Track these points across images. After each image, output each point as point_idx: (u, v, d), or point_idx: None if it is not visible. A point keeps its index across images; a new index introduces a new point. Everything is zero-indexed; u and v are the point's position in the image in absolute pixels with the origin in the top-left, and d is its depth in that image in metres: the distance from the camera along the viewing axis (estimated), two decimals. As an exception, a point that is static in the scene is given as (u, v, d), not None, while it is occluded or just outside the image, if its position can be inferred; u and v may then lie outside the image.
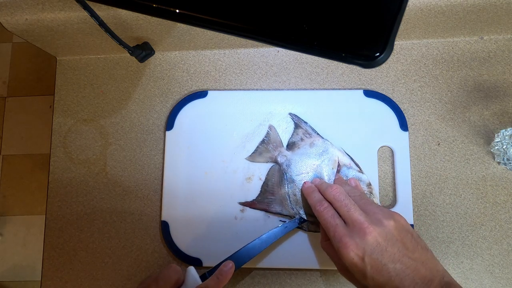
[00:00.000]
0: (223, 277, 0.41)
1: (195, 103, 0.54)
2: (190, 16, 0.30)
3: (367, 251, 0.37)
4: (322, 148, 0.50)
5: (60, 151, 0.56)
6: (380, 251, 0.37)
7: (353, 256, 0.37)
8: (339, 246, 0.38)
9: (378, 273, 0.36)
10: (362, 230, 0.38)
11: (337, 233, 0.39)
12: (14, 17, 0.49)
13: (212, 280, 0.40)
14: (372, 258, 0.36)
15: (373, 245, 0.37)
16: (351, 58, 0.29)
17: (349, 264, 0.37)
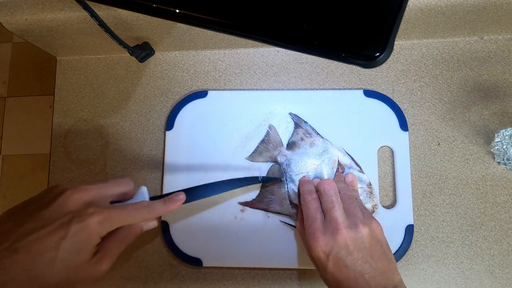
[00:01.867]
0: (171, 203, 0.38)
1: (195, 103, 0.54)
2: (190, 16, 0.30)
3: (333, 250, 0.39)
4: (322, 148, 0.50)
5: (60, 151, 0.56)
6: (346, 252, 0.39)
7: (319, 251, 0.40)
8: (310, 238, 0.41)
9: (338, 271, 0.39)
10: (336, 229, 0.40)
11: (313, 225, 0.41)
12: (14, 17, 0.49)
13: (159, 202, 0.38)
14: (336, 257, 0.39)
15: (341, 246, 0.39)
16: (351, 58, 0.29)
17: (314, 257, 0.40)
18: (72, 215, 0.32)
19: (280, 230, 0.50)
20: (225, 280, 0.50)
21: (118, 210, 0.34)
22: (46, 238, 0.30)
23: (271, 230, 0.50)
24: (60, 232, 0.31)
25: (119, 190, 0.37)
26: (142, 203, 0.37)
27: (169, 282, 0.51)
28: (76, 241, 0.31)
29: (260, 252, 0.49)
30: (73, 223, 0.31)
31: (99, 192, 0.35)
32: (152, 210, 0.37)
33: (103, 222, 0.33)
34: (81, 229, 0.31)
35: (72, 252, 0.31)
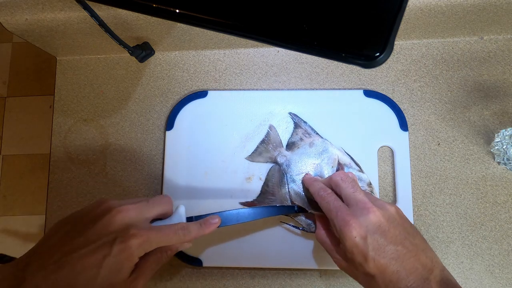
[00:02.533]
0: (206, 227, 0.40)
1: (195, 103, 0.54)
2: (190, 16, 0.30)
3: (369, 230, 0.36)
4: (321, 148, 0.50)
5: (60, 151, 0.56)
6: (382, 231, 0.36)
7: (355, 235, 0.36)
8: (342, 225, 0.37)
9: (379, 254, 0.36)
10: (365, 209, 0.38)
11: (339, 213, 0.38)
12: (14, 17, 0.49)
13: (195, 225, 0.39)
14: (374, 238, 0.36)
15: (376, 225, 0.37)
16: (351, 58, 0.29)
17: (351, 245, 0.37)
18: (115, 235, 0.34)
19: (280, 230, 0.50)
20: (225, 280, 0.50)
21: (158, 232, 0.36)
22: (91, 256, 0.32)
23: (271, 230, 0.50)
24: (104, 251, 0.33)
25: (159, 211, 0.39)
26: (179, 225, 0.39)
27: (169, 282, 0.51)
28: (117, 260, 0.33)
29: (260, 252, 0.49)
30: (116, 243, 0.33)
31: (141, 212, 0.37)
32: (188, 233, 0.38)
33: (142, 244, 0.34)
34: (122, 250, 0.33)
35: (112, 270, 0.33)
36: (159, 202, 0.39)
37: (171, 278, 0.51)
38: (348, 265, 0.39)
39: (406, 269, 0.35)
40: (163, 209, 0.39)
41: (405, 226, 0.38)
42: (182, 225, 0.39)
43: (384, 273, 0.35)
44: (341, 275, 0.49)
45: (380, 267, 0.35)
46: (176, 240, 0.38)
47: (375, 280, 0.36)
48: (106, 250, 0.33)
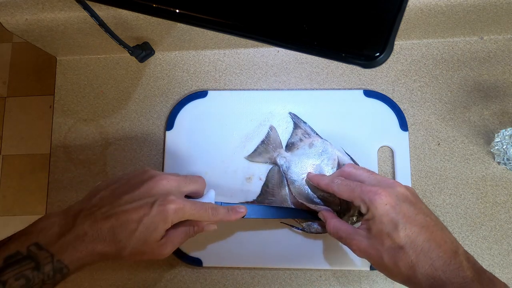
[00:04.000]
0: (233, 213, 0.43)
1: (195, 103, 0.54)
2: (190, 16, 0.30)
3: (399, 199, 0.36)
4: (321, 148, 0.50)
5: (60, 151, 0.56)
6: (410, 202, 0.37)
7: (386, 202, 0.36)
8: (370, 195, 0.37)
9: (410, 222, 0.35)
10: (391, 183, 0.38)
11: (364, 187, 0.38)
12: (14, 17, 0.49)
13: (223, 209, 0.42)
14: (404, 206, 0.36)
15: (403, 196, 0.37)
16: (351, 58, 0.29)
17: (381, 213, 0.36)
18: (156, 198, 0.38)
19: (280, 230, 0.50)
20: (225, 280, 0.50)
21: (192, 204, 0.39)
22: (134, 212, 0.36)
23: (271, 230, 0.50)
24: (145, 210, 0.37)
25: (194, 188, 0.42)
26: (210, 204, 0.42)
27: (169, 282, 0.51)
28: (154, 220, 0.37)
29: (260, 252, 0.49)
30: (155, 205, 0.37)
31: (179, 185, 0.40)
32: (216, 213, 0.41)
33: (177, 211, 0.38)
34: (160, 212, 0.37)
35: (149, 229, 0.37)
36: (196, 180, 0.43)
37: (171, 278, 0.51)
38: (371, 242, 0.37)
39: (436, 239, 0.34)
40: (197, 187, 0.43)
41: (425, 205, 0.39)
42: (212, 205, 0.42)
43: (415, 242, 0.34)
44: (341, 275, 0.49)
45: (411, 235, 0.34)
46: (206, 216, 0.41)
47: (404, 251, 0.34)
48: (146, 209, 0.37)
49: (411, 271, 0.34)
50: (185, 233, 0.41)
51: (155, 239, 0.37)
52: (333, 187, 0.42)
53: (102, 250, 0.36)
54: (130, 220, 0.36)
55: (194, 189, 0.42)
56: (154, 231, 0.37)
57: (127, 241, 0.36)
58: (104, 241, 0.36)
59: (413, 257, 0.34)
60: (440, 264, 0.33)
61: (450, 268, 0.33)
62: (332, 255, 0.49)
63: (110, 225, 0.36)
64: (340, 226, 0.41)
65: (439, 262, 0.33)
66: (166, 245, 0.39)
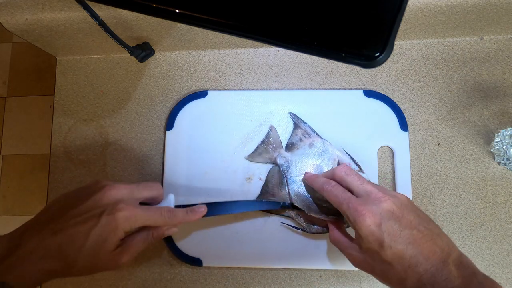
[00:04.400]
0: (192, 214, 0.41)
1: (195, 103, 0.54)
2: (190, 16, 0.30)
3: (383, 218, 0.36)
4: (321, 148, 0.50)
5: (60, 151, 0.56)
6: (396, 218, 0.36)
7: (370, 223, 0.36)
8: (355, 215, 0.37)
9: (395, 240, 0.35)
10: (377, 198, 0.38)
11: (351, 204, 0.38)
12: (14, 17, 0.49)
13: (182, 211, 0.41)
14: (388, 224, 0.36)
15: (389, 212, 0.37)
16: (351, 58, 0.29)
17: (366, 233, 0.36)
18: (104, 208, 0.36)
19: (280, 230, 0.50)
20: (225, 280, 0.50)
21: (143, 210, 0.38)
22: (81, 225, 0.35)
23: (271, 230, 0.50)
24: (92, 222, 0.36)
25: (149, 194, 0.41)
26: (166, 208, 0.41)
27: (169, 282, 0.51)
28: (103, 231, 0.36)
29: (260, 252, 0.49)
30: (103, 215, 0.36)
31: (131, 192, 0.39)
32: (173, 216, 0.40)
33: (128, 218, 0.37)
34: (109, 222, 0.36)
35: (98, 241, 0.36)
36: (149, 186, 0.42)
37: (171, 278, 0.51)
38: (364, 257, 0.38)
39: (423, 253, 0.35)
40: (153, 193, 0.42)
41: (417, 212, 0.38)
42: (169, 208, 0.41)
43: (402, 258, 0.35)
44: (341, 275, 0.50)
45: (398, 253, 0.35)
46: (162, 221, 0.40)
47: (393, 267, 0.35)
48: (94, 221, 0.36)
49: (402, 285, 0.36)
50: (142, 240, 0.39)
51: (107, 250, 0.36)
52: (324, 192, 0.42)
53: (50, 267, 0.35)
54: (78, 234, 0.35)
55: (149, 195, 0.41)
56: (104, 243, 0.36)
57: (76, 256, 0.35)
58: (52, 258, 0.34)
59: (402, 273, 0.35)
60: (427, 277, 0.34)
61: (437, 280, 0.34)
62: (332, 255, 0.49)
63: (58, 241, 0.35)
64: (339, 238, 0.42)
65: (426, 276, 0.34)
66: (121, 255, 0.37)
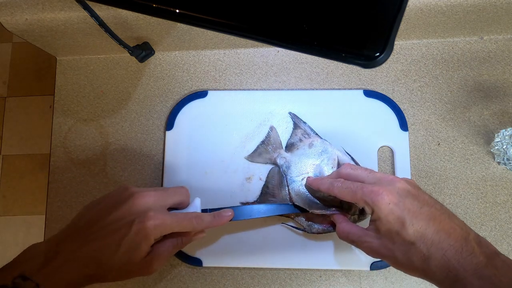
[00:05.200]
0: (219, 219, 0.42)
1: (195, 103, 0.54)
2: (190, 16, 0.30)
3: (401, 195, 0.36)
4: (321, 148, 0.50)
5: (60, 151, 0.56)
6: (413, 195, 0.36)
7: (388, 201, 0.36)
8: (372, 196, 0.37)
9: (416, 217, 0.35)
10: (390, 180, 0.38)
11: (365, 189, 0.38)
12: (14, 17, 0.49)
13: (209, 216, 0.42)
14: (407, 202, 0.36)
15: (405, 190, 0.37)
16: (351, 58, 0.29)
17: (386, 213, 0.36)
18: (135, 217, 0.37)
19: (280, 230, 0.50)
20: (225, 280, 0.50)
21: (173, 217, 0.39)
22: (113, 234, 0.37)
23: (271, 230, 0.50)
24: (124, 230, 0.37)
25: (176, 199, 0.42)
26: (193, 213, 0.42)
27: (169, 282, 0.51)
28: (134, 239, 0.37)
29: (260, 252, 0.49)
30: (135, 223, 0.37)
31: (159, 199, 0.40)
32: (201, 222, 0.41)
33: (158, 226, 0.38)
34: (140, 230, 0.37)
35: (130, 249, 0.37)
36: (177, 192, 0.42)
37: (171, 278, 0.51)
38: (382, 242, 0.37)
39: (445, 229, 0.34)
40: (180, 199, 0.42)
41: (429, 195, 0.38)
42: (196, 214, 0.41)
43: (425, 235, 0.34)
44: (341, 275, 0.50)
45: (420, 230, 0.35)
46: (190, 227, 0.40)
47: (415, 246, 0.35)
48: (125, 230, 0.37)
49: (425, 265, 0.34)
50: (172, 246, 0.41)
51: (139, 257, 0.37)
52: (334, 190, 0.41)
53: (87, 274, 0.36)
54: (111, 242, 0.36)
55: (177, 201, 0.42)
56: (136, 250, 0.37)
57: (110, 264, 0.36)
58: (88, 265, 0.36)
59: (425, 250, 0.34)
60: (452, 253, 0.33)
61: (462, 256, 0.33)
62: (332, 255, 0.49)
63: (92, 249, 0.36)
64: (350, 229, 0.41)
65: (451, 252, 0.33)
66: (152, 262, 0.39)
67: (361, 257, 0.49)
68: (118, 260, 0.36)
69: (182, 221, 0.40)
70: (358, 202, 0.39)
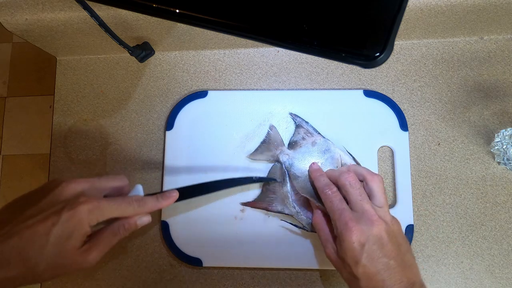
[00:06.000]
0: (163, 200, 0.39)
1: (195, 103, 0.54)
2: (190, 16, 0.30)
3: (369, 240, 0.38)
4: (324, 147, 0.50)
5: (60, 151, 0.56)
6: (381, 244, 0.38)
7: (354, 240, 0.38)
8: (343, 228, 0.38)
9: (371, 263, 0.37)
10: (370, 220, 0.39)
11: (343, 216, 0.39)
12: (14, 17, 0.49)
13: (152, 198, 0.39)
14: (371, 248, 0.38)
15: (376, 237, 0.38)
16: (351, 58, 0.29)
17: (347, 248, 0.38)
18: (65, 204, 0.33)
19: (280, 230, 0.50)
20: (225, 280, 0.50)
21: (109, 201, 0.36)
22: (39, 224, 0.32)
23: (271, 231, 0.50)
24: (52, 219, 0.33)
25: (112, 184, 0.39)
26: (134, 197, 0.38)
27: (169, 282, 0.51)
28: (66, 227, 0.33)
29: (260, 252, 0.49)
30: (64, 210, 0.33)
31: (92, 184, 0.37)
32: (143, 204, 0.38)
33: (92, 211, 0.34)
34: (71, 216, 0.33)
35: (62, 238, 0.33)
36: (113, 177, 0.39)
37: (171, 278, 0.51)
38: (338, 259, 0.40)
39: (392, 280, 0.37)
40: (118, 184, 0.39)
41: (401, 242, 0.40)
42: (137, 197, 0.38)
43: (370, 279, 0.37)
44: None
45: (369, 273, 0.37)
46: (131, 211, 0.37)
47: (359, 282, 0.38)
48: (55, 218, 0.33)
49: None
50: (112, 233, 0.36)
51: (73, 247, 0.33)
52: (322, 194, 0.43)
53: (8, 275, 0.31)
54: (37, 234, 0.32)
55: (114, 186, 0.39)
56: (69, 239, 0.33)
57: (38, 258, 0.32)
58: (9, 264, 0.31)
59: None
60: None
61: None
62: (332, 255, 0.49)
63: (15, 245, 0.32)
64: (322, 226, 0.44)
65: None
66: (90, 251, 0.35)
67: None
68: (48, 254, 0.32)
69: (120, 204, 0.36)
70: (332, 220, 0.41)
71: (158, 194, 0.40)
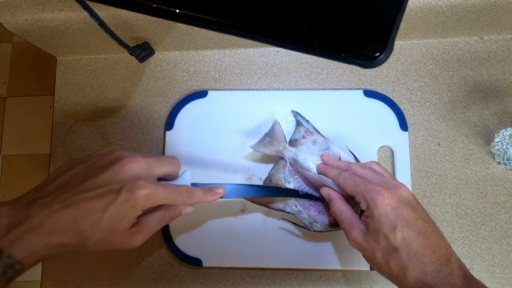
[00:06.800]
0: (210, 194, 0.40)
1: (195, 103, 0.54)
2: (190, 16, 0.30)
3: (401, 202, 0.37)
4: (324, 146, 0.50)
5: (60, 151, 0.56)
6: (411, 206, 0.37)
7: (387, 203, 0.36)
8: (373, 194, 0.37)
9: (408, 226, 0.36)
10: (395, 185, 0.38)
11: (369, 186, 0.38)
12: (14, 17, 0.49)
13: (200, 190, 0.39)
14: (405, 210, 0.36)
15: (406, 199, 0.37)
16: (351, 58, 0.29)
17: (381, 213, 0.36)
18: (123, 184, 0.34)
19: (280, 230, 0.50)
20: (225, 280, 0.50)
21: (164, 188, 0.36)
22: (97, 199, 0.33)
23: (271, 230, 0.50)
24: (110, 197, 0.33)
25: (167, 169, 0.39)
26: (185, 187, 0.38)
27: (169, 282, 0.51)
28: (121, 208, 0.33)
29: (260, 252, 0.49)
30: (123, 191, 0.33)
31: (150, 167, 0.37)
32: (192, 196, 0.38)
33: (148, 197, 0.34)
34: (128, 198, 0.33)
35: (116, 218, 0.33)
36: (168, 161, 0.39)
37: (171, 278, 0.51)
38: (367, 238, 0.38)
39: (431, 245, 0.35)
40: (171, 169, 0.39)
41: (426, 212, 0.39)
42: (187, 187, 0.39)
43: (410, 245, 0.35)
44: (341, 275, 0.49)
45: (407, 239, 0.35)
46: (180, 200, 0.37)
47: (397, 253, 0.35)
48: (112, 196, 0.33)
49: (401, 273, 0.35)
50: (159, 219, 0.37)
51: (124, 228, 0.34)
52: (339, 179, 0.42)
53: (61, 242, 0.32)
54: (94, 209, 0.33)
55: (167, 171, 0.39)
56: (122, 220, 0.34)
57: (91, 232, 0.33)
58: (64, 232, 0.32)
59: (406, 259, 0.35)
60: (431, 269, 0.34)
61: (440, 274, 0.34)
62: (332, 255, 0.49)
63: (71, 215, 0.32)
64: (344, 210, 0.41)
65: (430, 268, 0.34)
66: (137, 234, 0.35)
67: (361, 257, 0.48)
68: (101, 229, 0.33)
69: (173, 193, 0.36)
70: (357, 195, 0.39)
71: (206, 187, 0.40)
